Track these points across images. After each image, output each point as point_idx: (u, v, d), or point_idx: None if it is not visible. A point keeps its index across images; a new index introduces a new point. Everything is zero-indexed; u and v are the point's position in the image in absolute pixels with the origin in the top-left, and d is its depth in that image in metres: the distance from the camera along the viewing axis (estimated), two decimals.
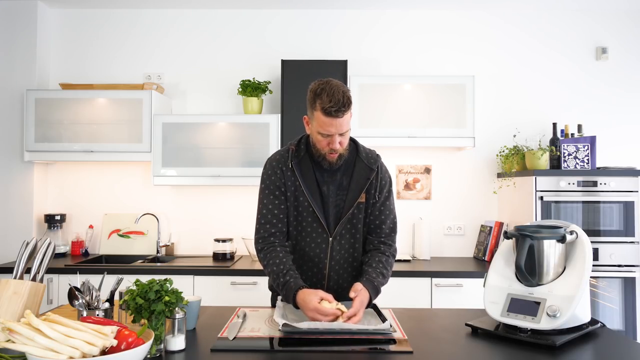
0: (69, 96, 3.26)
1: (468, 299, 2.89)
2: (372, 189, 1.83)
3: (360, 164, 1.83)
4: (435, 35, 3.62)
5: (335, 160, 1.77)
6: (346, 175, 1.82)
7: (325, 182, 1.81)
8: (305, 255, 1.83)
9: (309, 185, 1.79)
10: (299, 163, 1.81)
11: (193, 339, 1.53)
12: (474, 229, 3.58)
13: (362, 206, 1.82)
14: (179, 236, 3.58)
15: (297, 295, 1.63)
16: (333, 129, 1.70)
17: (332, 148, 1.73)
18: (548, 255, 1.57)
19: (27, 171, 3.41)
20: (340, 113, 1.67)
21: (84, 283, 1.55)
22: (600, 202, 3.01)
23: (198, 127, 3.25)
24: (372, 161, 1.85)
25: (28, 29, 3.43)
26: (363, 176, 1.81)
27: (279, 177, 1.81)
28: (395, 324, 1.65)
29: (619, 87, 3.58)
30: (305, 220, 1.81)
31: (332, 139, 1.72)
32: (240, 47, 3.63)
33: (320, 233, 1.80)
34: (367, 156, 1.86)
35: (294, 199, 1.81)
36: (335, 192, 1.81)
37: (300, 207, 1.80)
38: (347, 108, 1.69)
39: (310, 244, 1.81)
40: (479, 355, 1.41)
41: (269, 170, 1.84)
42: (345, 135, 1.74)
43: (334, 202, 1.80)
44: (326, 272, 1.82)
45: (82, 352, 1.14)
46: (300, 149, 1.83)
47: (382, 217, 1.85)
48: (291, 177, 1.80)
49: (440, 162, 3.60)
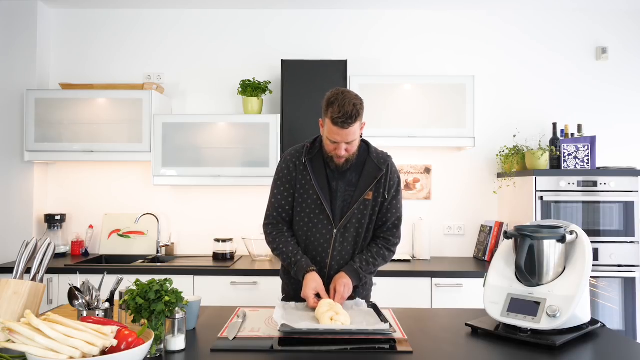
0: (69, 96, 3.26)
1: (468, 299, 2.89)
2: (381, 188, 1.95)
3: (371, 164, 1.95)
4: (435, 35, 3.62)
5: (341, 164, 1.90)
6: (356, 173, 1.95)
7: (335, 178, 1.94)
8: (310, 245, 1.96)
9: (319, 180, 1.93)
10: (311, 159, 1.95)
11: (193, 339, 1.53)
12: (474, 229, 3.58)
13: (368, 203, 1.94)
14: (179, 236, 3.58)
15: (306, 276, 1.85)
16: (339, 138, 1.82)
17: (338, 154, 1.86)
18: (548, 255, 1.57)
19: (27, 171, 3.41)
20: (346, 125, 1.79)
21: (84, 283, 1.55)
22: (600, 202, 3.01)
23: (198, 127, 3.25)
24: (382, 161, 1.97)
25: (28, 29, 3.43)
26: (371, 175, 1.94)
27: (291, 170, 1.97)
28: (395, 324, 1.65)
29: (619, 87, 3.58)
30: (313, 212, 1.94)
31: (338, 146, 1.85)
32: (240, 47, 3.63)
33: (325, 225, 1.93)
34: (378, 156, 1.99)
35: (303, 191, 1.95)
36: (344, 188, 1.94)
37: (309, 200, 1.94)
38: (354, 120, 1.79)
39: (316, 234, 1.95)
40: (479, 355, 1.42)
41: (283, 164, 2.00)
42: (352, 144, 1.86)
43: (342, 197, 1.94)
44: (328, 262, 1.95)
45: (82, 352, 1.14)
46: (315, 146, 1.98)
47: (388, 215, 1.98)
48: (303, 171, 1.95)
49: (440, 162, 3.60)
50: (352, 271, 1.91)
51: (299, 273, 1.89)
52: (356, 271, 1.91)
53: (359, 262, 1.93)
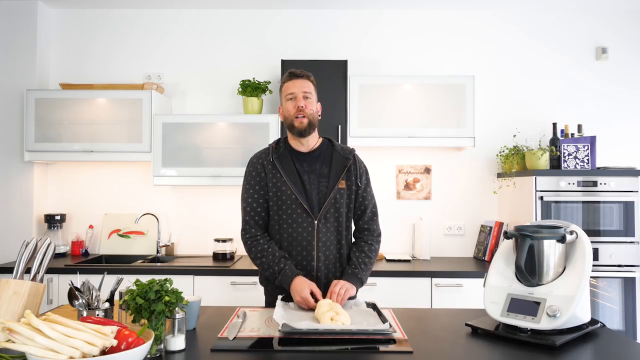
0: (69, 96, 3.27)
1: (468, 299, 2.89)
2: (352, 176, 2.01)
3: (337, 155, 2.03)
4: (435, 35, 3.62)
5: (304, 126, 1.94)
6: (325, 165, 2.01)
7: (306, 171, 1.99)
8: (294, 241, 1.96)
9: (290, 175, 1.96)
10: (279, 157, 1.99)
11: (193, 339, 1.53)
12: (474, 229, 3.58)
13: (343, 192, 1.99)
14: (179, 236, 3.58)
15: (294, 281, 1.84)
16: (294, 89, 1.95)
17: (298, 106, 1.93)
18: (548, 255, 1.57)
19: (27, 171, 3.42)
20: (298, 76, 1.96)
21: (84, 283, 1.55)
22: (600, 202, 3.01)
23: (198, 127, 3.25)
24: (347, 152, 2.05)
25: (28, 29, 3.43)
26: (340, 165, 2.00)
27: (260, 171, 1.99)
28: (395, 324, 1.65)
29: (619, 87, 3.58)
30: (290, 208, 1.95)
31: (296, 99, 1.94)
32: (240, 47, 3.63)
33: (305, 218, 1.94)
34: (343, 149, 2.06)
35: (276, 189, 1.96)
36: (317, 180, 1.98)
37: (283, 196, 1.95)
38: (304, 76, 1.97)
39: (297, 229, 1.95)
40: (479, 355, 1.41)
41: (250, 167, 2.03)
42: (309, 100, 1.96)
43: (317, 189, 1.98)
44: (314, 254, 1.95)
45: (82, 352, 1.14)
46: (280, 145, 2.03)
47: (365, 203, 2.04)
48: (272, 170, 1.98)
49: (440, 162, 3.60)
50: (351, 276, 1.92)
51: (284, 281, 1.86)
52: (355, 274, 1.93)
53: (355, 265, 1.95)
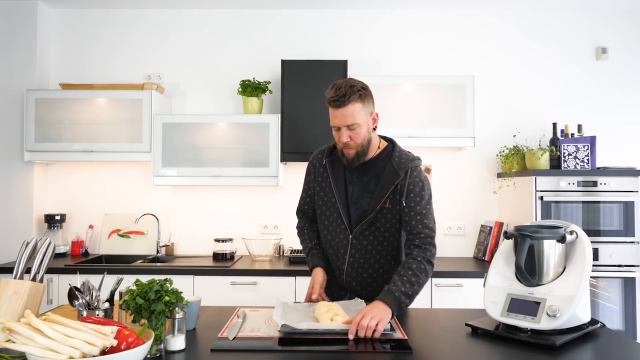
0: (69, 96, 3.26)
1: (468, 299, 2.89)
2: (397, 194, 1.80)
3: (390, 168, 1.82)
4: (435, 35, 3.62)
5: (352, 157, 1.80)
6: (374, 179, 1.84)
7: (353, 182, 1.87)
8: (329, 246, 1.96)
9: (337, 183, 1.89)
10: (332, 161, 1.92)
11: (193, 339, 1.53)
12: (474, 229, 3.57)
13: (385, 211, 1.81)
14: (179, 236, 3.58)
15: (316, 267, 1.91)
16: (337, 121, 1.75)
17: (342, 142, 1.78)
18: (548, 255, 1.57)
19: (27, 171, 3.41)
20: (339, 103, 1.71)
21: (84, 283, 1.55)
22: (600, 202, 3.01)
23: (198, 127, 3.25)
24: (401, 166, 1.82)
25: (28, 29, 3.43)
26: (389, 181, 1.81)
27: (311, 171, 1.99)
28: (395, 324, 1.65)
29: (619, 87, 3.58)
30: (332, 216, 1.91)
31: (340, 132, 1.77)
32: (241, 47, 3.63)
33: (343, 229, 1.88)
34: (399, 160, 1.83)
35: (324, 194, 1.93)
36: (360, 194, 1.85)
37: (328, 202, 1.92)
38: (347, 99, 1.70)
39: (335, 237, 1.92)
40: (479, 355, 1.41)
41: (309, 163, 2.02)
42: (356, 131, 1.75)
43: (358, 204, 1.85)
44: (344, 268, 1.90)
45: (82, 352, 1.14)
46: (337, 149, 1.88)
47: (412, 223, 1.79)
48: (323, 173, 1.93)
49: (440, 162, 3.60)
50: (386, 294, 1.61)
51: (309, 264, 1.97)
52: (391, 292, 1.61)
53: (394, 282, 1.65)
